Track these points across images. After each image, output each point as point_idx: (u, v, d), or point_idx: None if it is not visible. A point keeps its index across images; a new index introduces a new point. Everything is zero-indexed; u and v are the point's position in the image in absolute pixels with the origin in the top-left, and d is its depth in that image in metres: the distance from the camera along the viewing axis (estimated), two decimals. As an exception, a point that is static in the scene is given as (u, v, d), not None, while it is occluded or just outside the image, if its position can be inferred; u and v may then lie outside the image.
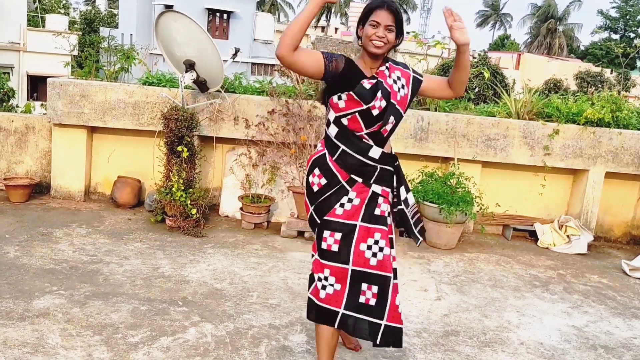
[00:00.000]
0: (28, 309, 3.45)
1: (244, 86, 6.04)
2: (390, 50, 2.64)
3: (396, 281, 2.75)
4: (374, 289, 2.63)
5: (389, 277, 2.65)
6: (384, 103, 2.57)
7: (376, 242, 2.62)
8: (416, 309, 3.98)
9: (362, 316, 2.64)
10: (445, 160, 5.99)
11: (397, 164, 2.76)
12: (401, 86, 2.65)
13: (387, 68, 2.65)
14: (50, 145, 5.94)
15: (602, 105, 5.93)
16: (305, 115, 5.60)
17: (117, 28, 27.33)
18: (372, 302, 2.63)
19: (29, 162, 6.03)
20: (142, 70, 6.24)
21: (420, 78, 2.76)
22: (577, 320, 4.06)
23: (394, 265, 2.72)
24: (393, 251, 2.70)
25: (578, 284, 4.84)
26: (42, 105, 9.51)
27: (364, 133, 2.62)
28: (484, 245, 5.72)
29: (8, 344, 3.03)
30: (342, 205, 2.64)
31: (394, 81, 2.63)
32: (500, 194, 6.10)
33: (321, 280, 2.67)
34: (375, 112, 2.57)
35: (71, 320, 3.34)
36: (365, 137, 2.63)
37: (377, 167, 2.65)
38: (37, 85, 21.47)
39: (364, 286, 2.63)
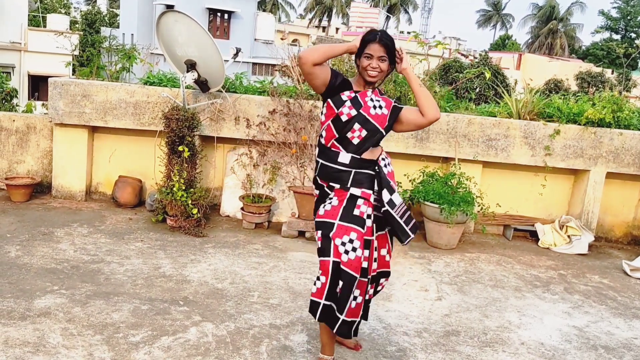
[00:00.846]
0: (29, 308, 3.45)
1: (245, 86, 6.04)
2: (385, 78, 2.96)
3: (365, 280, 2.96)
4: (340, 284, 2.84)
5: (355, 276, 2.85)
6: (353, 111, 2.86)
7: (351, 241, 2.84)
8: (417, 308, 3.98)
9: (331, 304, 2.87)
10: (446, 160, 5.99)
11: (379, 169, 2.95)
12: (378, 106, 2.93)
13: (371, 91, 2.95)
14: (52, 144, 5.94)
15: (603, 105, 5.93)
16: (306, 115, 5.60)
17: (119, 28, 27.34)
18: (339, 295, 2.85)
19: (30, 162, 6.04)
20: (144, 69, 6.25)
21: (401, 106, 3.01)
22: (577, 320, 4.06)
23: (365, 265, 2.94)
24: (366, 252, 2.92)
25: (579, 284, 4.84)
26: (43, 105, 9.52)
27: (334, 141, 2.92)
28: (484, 245, 5.72)
29: (9, 343, 3.04)
30: (324, 207, 2.94)
31: (371, 99, 2.93)
32: (501, 194, 6.10)
33: (319, 278, 2.89)
34: (344, 117, 2.87)
35: (72, 320, 3.35)
36: (335, 145, 2.93)
37: (352, 171, 2.90)
38: (38, 85, 21.46)
39: (340, 282, 2.85)
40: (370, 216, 2.92)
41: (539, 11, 56.90)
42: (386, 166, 2.99)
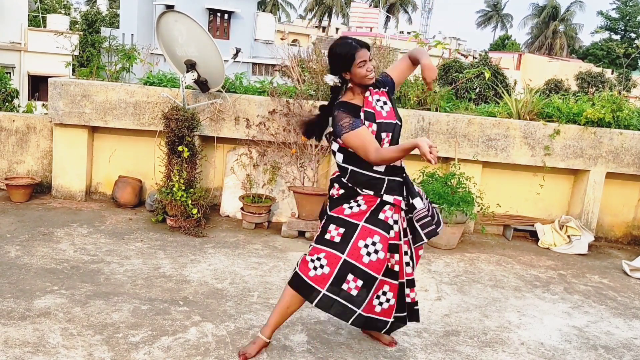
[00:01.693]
0: (29, 308, 3.45)
1: (245, 86, 6.05)
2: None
3: (395, 282, 3.05)
4: (358, 282, 2.89)
5: (375, 277, 2.91)
6: (374, 127, 2.94)
7: (374, 244, 2.90)
8: (417, 309, 3.97)
9: (341, 300, 2.91)
10: (446, 160, 5.99)
11: (406, 175, 3.05)
12: (383, 104, 3.03)
13: (370, 94, 3.02)
14: (52, 145, 5.95)
15: (602, 105, 5.93)
16: (306, 116, 5.60)
17: (118, 28, 27.35)
18: (354, 292, 2.90)
19: (30, 162, 6.04)
20: (144, 70, 6.25)
21: (391, 79, 3.13)
22: (577, 320, 4.07)
23: (397, 269, 3.02)
24: (396, 256, 2.99)
25: (579, 284, 4.84)
26: (43, 105, 9.50)
27: None
28: (484, 245, 5.72)
29: (9, 343, 3.04)
30: (350, 208, 2.98)
31: (376, 101, 3.02)
32: (500, 194, 6.10)
33: (314, 261, 2.93)
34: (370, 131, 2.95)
35: (72, 320, 3.35)
36: None
37: (385, 179, 2.96)
38: (38, 85, 21.46)
39: (349, 277, 2.89)
40: (397, 222, 2.98)
41: (539, 11, 56.87)
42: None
